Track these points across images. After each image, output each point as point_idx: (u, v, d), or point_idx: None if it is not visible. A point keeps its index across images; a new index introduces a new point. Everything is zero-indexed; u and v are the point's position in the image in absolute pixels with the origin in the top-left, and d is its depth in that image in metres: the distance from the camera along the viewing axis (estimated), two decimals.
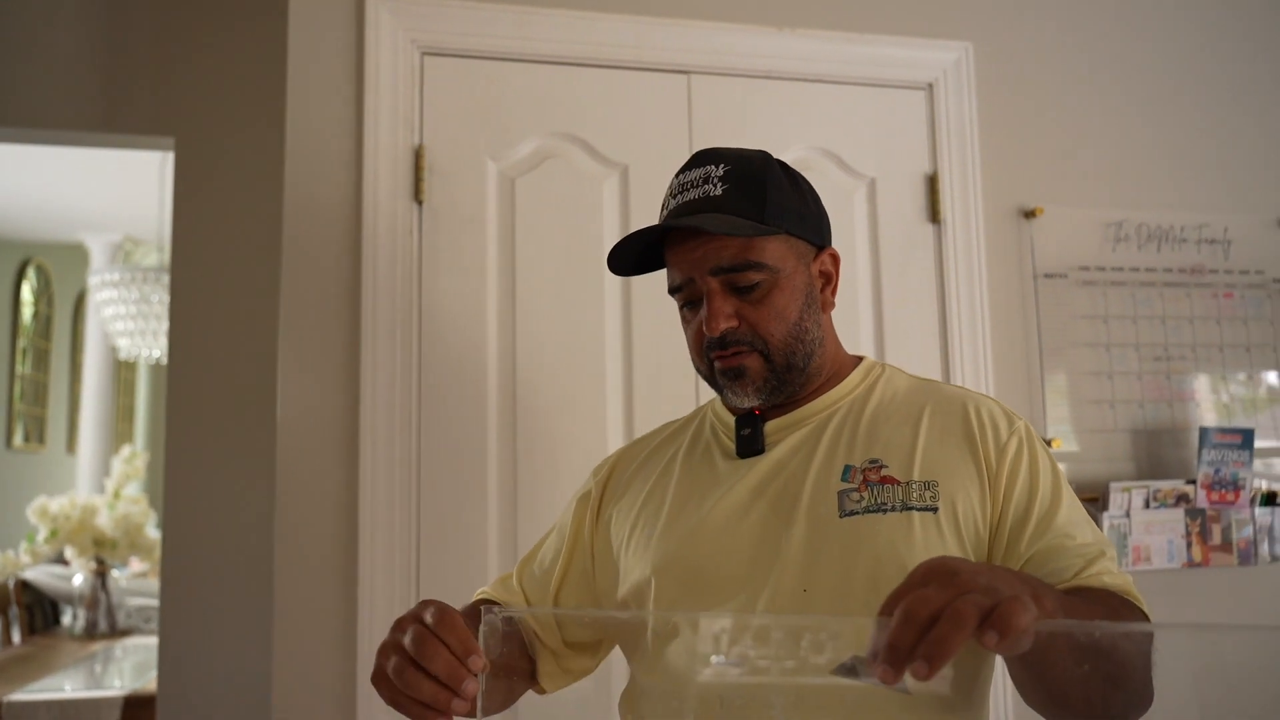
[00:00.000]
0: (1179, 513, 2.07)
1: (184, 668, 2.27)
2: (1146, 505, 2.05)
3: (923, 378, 1.19)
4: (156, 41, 2.42)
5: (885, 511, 1.02)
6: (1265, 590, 2.14)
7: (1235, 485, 2.09)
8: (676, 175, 1.11)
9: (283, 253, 1.84)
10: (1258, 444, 2.13)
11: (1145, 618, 0.97)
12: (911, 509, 1.01)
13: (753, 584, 1.02)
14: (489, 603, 1.10)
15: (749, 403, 1.10)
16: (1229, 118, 2.30)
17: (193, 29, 2.43)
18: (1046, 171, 2.18)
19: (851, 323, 2.04)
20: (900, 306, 2.07)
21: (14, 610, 4.42)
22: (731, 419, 1.13)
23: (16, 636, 4.35)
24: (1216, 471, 2.08)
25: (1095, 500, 2.06)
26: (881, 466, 1.05)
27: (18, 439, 6.03)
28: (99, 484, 5.38)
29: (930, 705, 0.98)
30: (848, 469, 1.06)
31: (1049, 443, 2.09)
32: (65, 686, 3.32)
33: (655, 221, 1.10)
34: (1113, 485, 2.03)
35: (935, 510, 1.01)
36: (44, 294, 6.23)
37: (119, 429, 6.71)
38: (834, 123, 2.09)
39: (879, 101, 2.12)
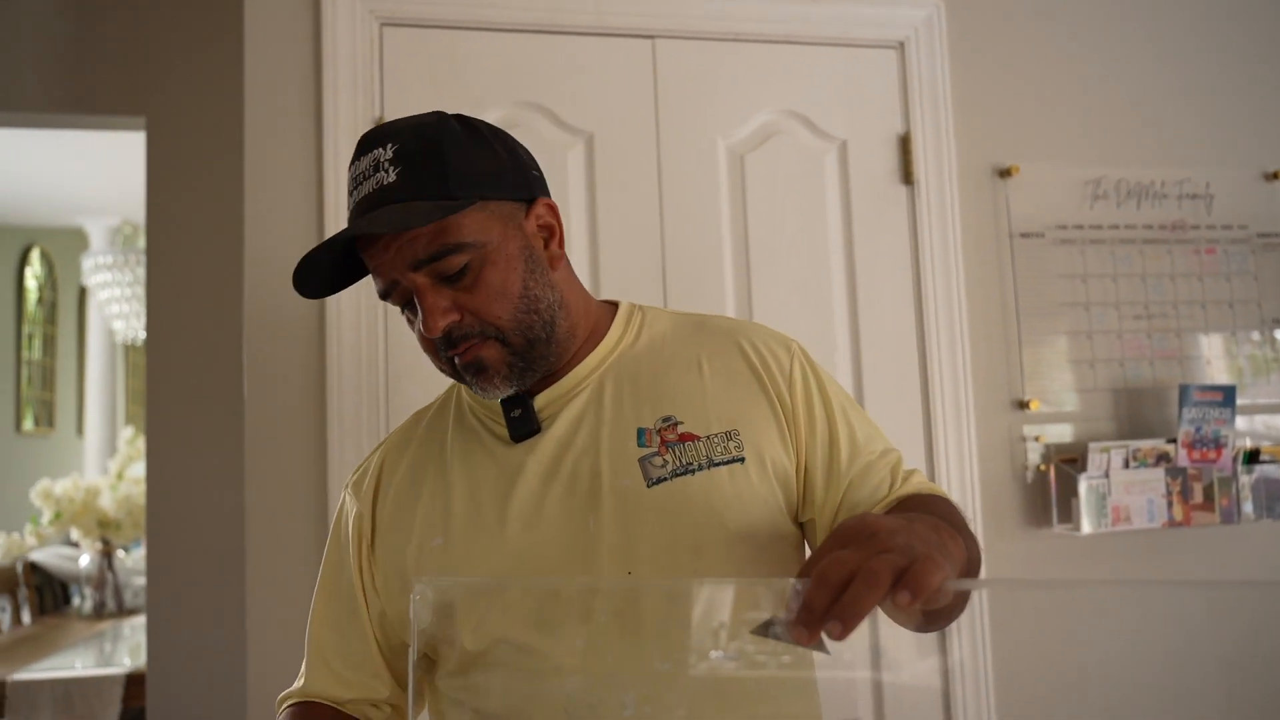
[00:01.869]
0: (1159, 472, 2.05)
1: (170, 647, 2.29)
2: (1126, 465, 2.03)
3: (683, 313, 1.12)
4: (125, 21, 2.40)
5: (693, 472, 0.97)
6: (1248, 548, 2.12)
7: (1217, 443, 2.06)
8: (350, 166, 0.98)
9: (245, 228, 1.83)
10: (1240, 401, 2.10)
11: (958, 509, 0.97)
12: (718, 464, 0.97)
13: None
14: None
15: (503, 394, 1.00)
16: (1210, 70, 2.25)
17: (159, 7, 2.41)
18: (1022, 129, 2.14)
19: (824, 287, 2.02)
20: (873, 270, 2.05)
21: (23, 591, 4.47)
22: (494, 402, 1.03)
23: (26, 617, 4.41)
24: (1197, 430, 2.06)
25: (1075, 461, 2.04)
26: (677, 423, 0.99)
27: (28, 423, 6.09)
28: (106, 466, 5.44)
29: (785, 689, 0.97)
30: (641, 432, 0.99)
31: (1027, 404, 2.07)
32: (76, 664, 3.37)
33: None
34: (1091, 446, 2.01)
35: (743, 460, 0.98)
36: (48, 279, 6.26)
37: (129, 411, 6.76)
38: (803, 84, 2.06)
39: (849, 61, 2.08)
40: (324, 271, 0.99)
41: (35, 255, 6.15)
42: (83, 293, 6.14)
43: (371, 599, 1.07)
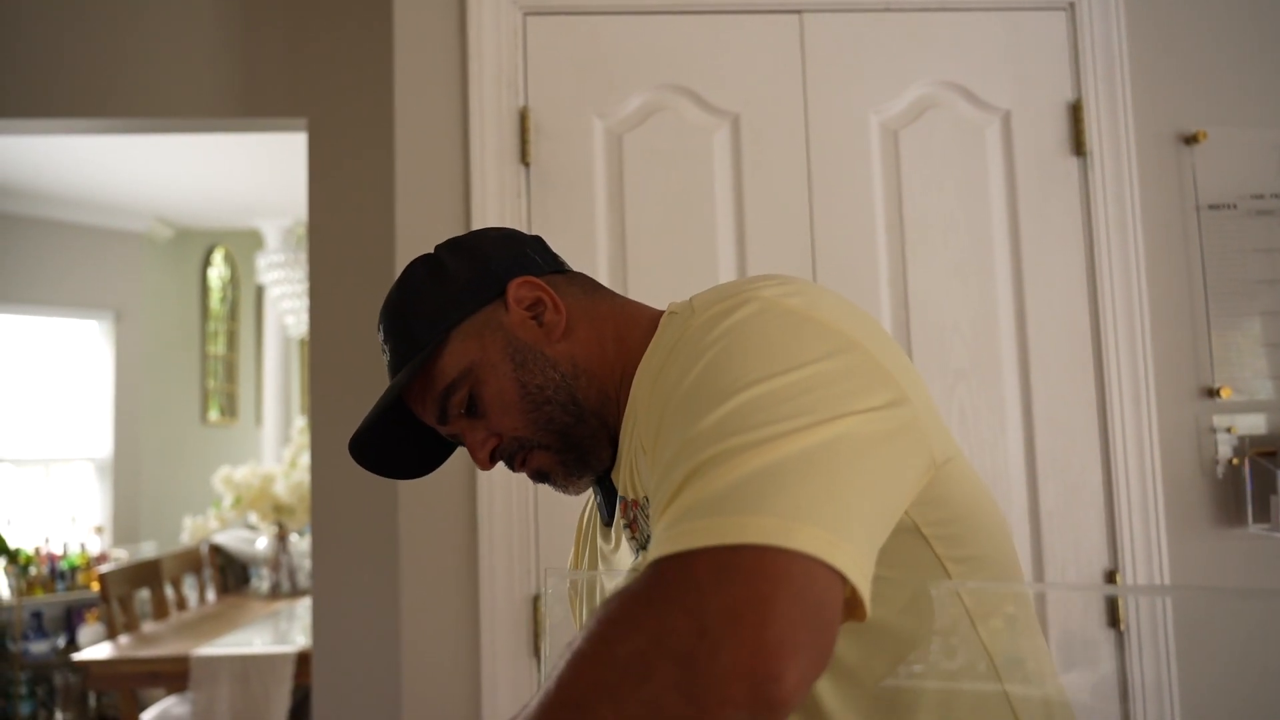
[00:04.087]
0: None
1: (333, 627, 2.38)
2: None
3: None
4: (285, 25, 2.50)
5: (645, 547, 0.86)
6: None
7: None
8: None
9: (396, 221, 1.87)
10: None
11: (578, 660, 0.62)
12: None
13: None
14: None
15: (584, 488, 0.96)
16: None
17: (317, 10, 2.50)
18: (1208, 91, 1.95)
19: (987, 270, 1.90)
20: (1041, 250, 1.91)
21: (207, 571, 4.78)
22: None
23: (211, 595, 4.70)
24: None
25: (1274, 455, 1.85)
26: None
27: (213, 414, 6.51)
28: (280, 454, 5.75)
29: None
30: (620, 500, 0.92)
31: (1218, 392, 1.89)
32: (254, 641, 3.56)
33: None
34: None
35: None
36: (230, 279, 6.67)
37: (303, 401, 7.14)
38: (961, 53, 1.94)
39: (1012, 26, 1.95)
40: (421, 438, 1.02)
41: (218, 256, 6.56)
42: (259, 290, 6.51)
43: None
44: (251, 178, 5.44)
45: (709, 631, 0.56)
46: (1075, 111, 1.94)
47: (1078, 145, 1.93)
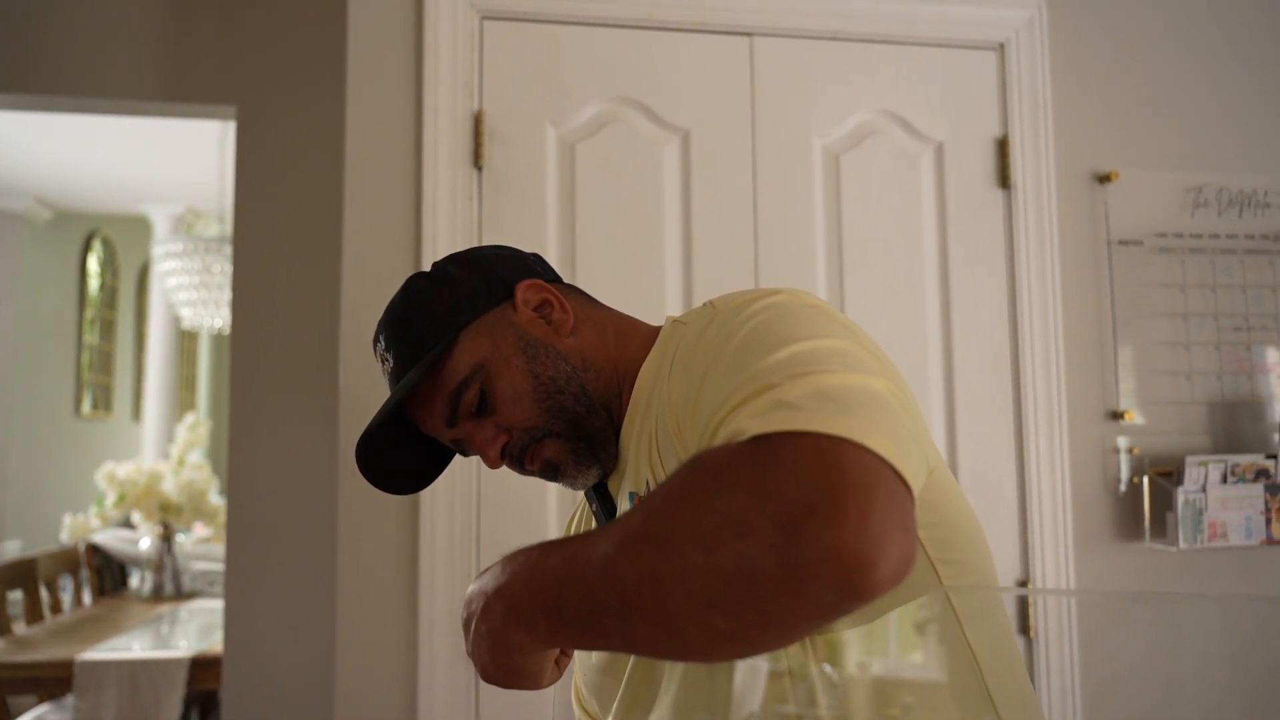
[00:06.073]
0: (1258, 488, 2.00)
1: (249, 631, 2.31)
2: (1224, 480, 1.98)
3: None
4: (218, 10, 2.43)
5: None
6: None
7: None
8: None
9: (344, 220, 1.84)
10: None
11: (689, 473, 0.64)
12: None
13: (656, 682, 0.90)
14: None
15: (591, 480, 0.97)
16: None
17: None
18: (1122, 134, 2.10)
19: (917, 291, 1.99)
20: (968, 275, 2.02)
21: (84, 572, 4.54)
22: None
23: (87, 597, 4.47)
24: None
25: (1170, 475, 2.00)
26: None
27: (86, 407, 6.19)
28: (163, 451, 5.52)
29: None
30: (631, 496, 0.93)
31: (1122, 415, 2.03)
32: (134, 646, 3.41)
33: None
34: (1188, 459, 1.96)
35: None
36: (109, 266, 6.36)
37: (181, 397, 6.86)
38: (901, 85, 2.03)
39: (948, 62, 2.05)
40: (412, 454, 1.02)
41: (98, 242, 6.25)
42: (142, 279, 6.23)
43: None
44: (139, 162, 5.22)
45: (815, 506, 0.57)
46: (1002, 146, 2.05)
47: (1003, 178, 2.05)
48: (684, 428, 0.81)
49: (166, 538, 4.35)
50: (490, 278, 0.98)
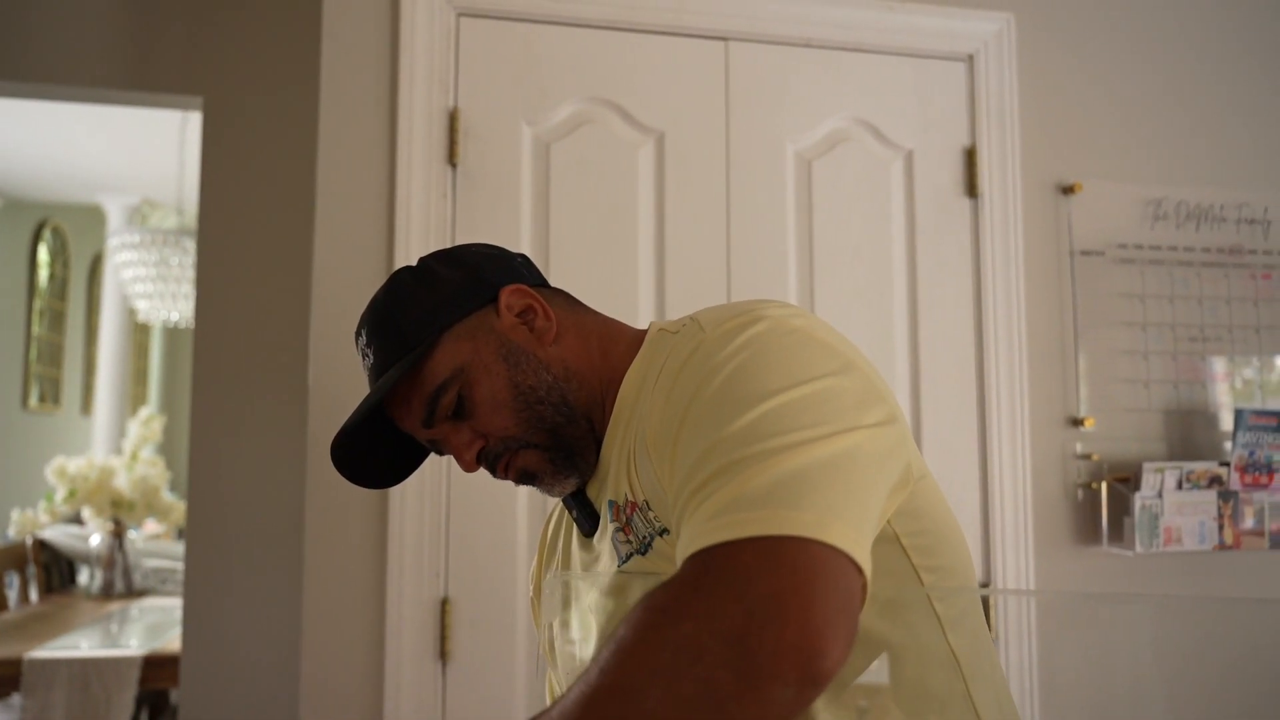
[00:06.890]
0: (1211, 495, 2.05)
1: (209, 630, 2.27)
2: (1179, 486, 2.03)
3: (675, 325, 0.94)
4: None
5: (644, 551, 0.87)
6: None
7: (1269, 468, 2.07)
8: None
9: (315, 215, 1.82)
10: None
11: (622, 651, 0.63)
12: (653, 538, 0.87)
13: None
14: None
15: (569, 489, 0.96)
16: (1273, 94, 2.26)
17: None
18: (1086, 147, 2.14)
19: (886, 296, 2.02)
20: (935, 281, 2.05)
21: (31, 569, 4.44)
22: None
23: (34, 595, 4.37)
24: (1250, 454, 2.06)
25: (1127, 480, 2.05)
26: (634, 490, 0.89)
27: (33, 400, 6.05)
28: (115, 445, 5.40)
29: None
30: (611, 504, 0.92)
31: (1082, 422, 2.07)
32: (82, 645, 3.34)
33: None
34: (1145, 466, 2.01)
35: (665, 532, 0.86)
36: (60, 256, 6.23)
37: (133, 391, 6.72)
38: (872, 93, 2.06)
39: (919, 72, 2.08)
40: (388, 450, 1.02)
41: (48, 231, 6.11)
42: (94, 270, 6.11)
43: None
44: (94, 151, 5.12)
45: (757, 614, 0.60)
46: (970, 156, 2.09)
47: (971, 187, 2.08)
48: (657, 453, 0.83)
49: (118, 534, 4.27)
50: (475, 279, 0.98)
